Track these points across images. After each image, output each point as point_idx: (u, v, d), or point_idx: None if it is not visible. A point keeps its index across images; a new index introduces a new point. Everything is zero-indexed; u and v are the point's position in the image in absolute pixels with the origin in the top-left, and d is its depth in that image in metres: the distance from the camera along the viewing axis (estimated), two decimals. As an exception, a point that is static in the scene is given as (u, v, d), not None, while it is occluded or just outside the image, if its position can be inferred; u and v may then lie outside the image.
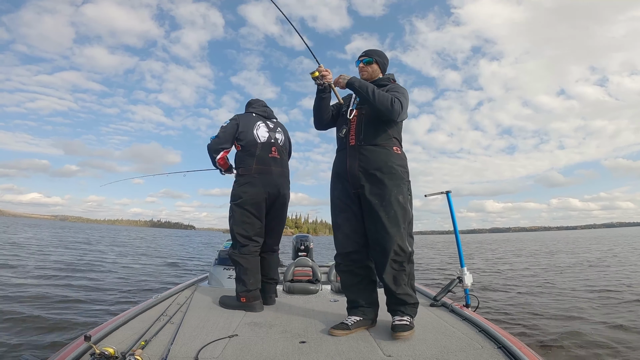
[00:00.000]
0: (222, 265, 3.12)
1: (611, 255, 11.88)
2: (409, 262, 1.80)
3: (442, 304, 2.23)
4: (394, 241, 1.73)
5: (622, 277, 6.68)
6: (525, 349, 1.43)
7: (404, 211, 1.79)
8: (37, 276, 5.86)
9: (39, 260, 7.91)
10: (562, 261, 9.19)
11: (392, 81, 2.05)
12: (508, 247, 20.66)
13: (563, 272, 7.54)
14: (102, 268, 7.41)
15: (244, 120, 2.48)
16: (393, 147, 1.89)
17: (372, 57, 2.06)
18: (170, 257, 11.65)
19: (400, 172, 1.84)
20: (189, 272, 7.77)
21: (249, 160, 2.40)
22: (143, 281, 6.25)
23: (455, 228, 2.48)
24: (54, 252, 9.86)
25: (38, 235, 19.75)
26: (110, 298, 4.68)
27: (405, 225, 1.79)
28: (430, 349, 1.51)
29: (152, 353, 1.43)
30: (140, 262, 9.30)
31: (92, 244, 15.35)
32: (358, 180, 1.84)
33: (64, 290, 4.93)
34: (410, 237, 1.83)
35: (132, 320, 1.85)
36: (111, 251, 12.08)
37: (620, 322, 3.61)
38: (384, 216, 1.76)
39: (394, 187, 1.79)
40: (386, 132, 1.89)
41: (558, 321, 3.76)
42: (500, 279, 6.82)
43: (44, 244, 12.50)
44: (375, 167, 1.82)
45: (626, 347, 2.95)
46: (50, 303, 4.14)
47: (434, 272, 8.41)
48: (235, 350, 1.51)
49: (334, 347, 1.56)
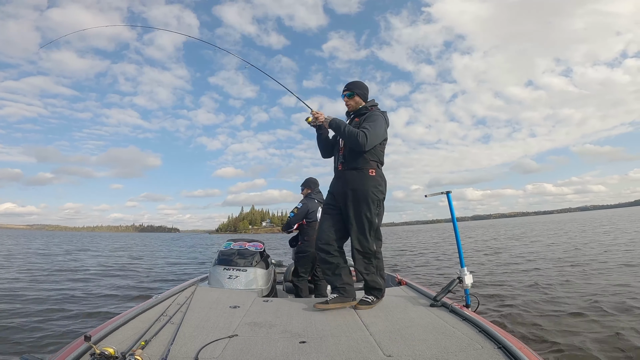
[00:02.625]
0: (222, 265, 3.12)
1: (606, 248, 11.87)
2: (375, 258, 2.38)
3: (442, 304, 2.23)
4: (361, 243, 2.35)
5: (623, 277, 6.67)
6: (525, 349, 1.43)
7: (370, 223, 2.34)
8: (37, 277, 5.85)
9: (38, 262, 7.91)
10: (558, 256, 9.19)
11: (371, 108, 2.49)
12: (493, 235, 20.63)
13: (563, 271, 7.53)
14: (101, 269, 7.41)
15: (312, 206, 3.67)
16: (369, 170, 2.36)
17: (353, 91, 2.52)
18: (168, 258, 11.65)
19: (371, 192, 2.33)
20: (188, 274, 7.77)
21: (311, 232, 3.50)
22: (143, 281, 6.25)
23: (455, 228, 2.46)
24: (52, 256, 9.87)
25: (27, 244, 19.70)
26: (110, 298, 4.68)
27: (372, 232, 2.35)
28: (430, 349, 1.51)
29: (152, 353, 1.43)
30: (139, 264, 9.31)
31: (87, 249, 15.36)
32: (341, 197, 2.41)
33: (64, 290, 4.93)
34: (377, 240, 2.39)
35: (132, 320, 1.85)
36: (106, 255, 12.08)
37: (621, 323, 3.61)
38: (354, 225, 2.35)
39: (364, 205, 2.32)
40: (363, 157, 2.36)
41: (558, 321, 3.76)
42: (501, 279, 6.81)
43: (37, 249, 12.50)
44: (352, 187, 2.36)
45: (626, 347, 2.94)
46: (50, 303, 4.14)
47: (434, 272, 8.41)
48: (235, 350, 1.51)
49: (334, 347, 1.56)
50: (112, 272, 7.06)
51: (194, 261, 10.88)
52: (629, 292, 4.99)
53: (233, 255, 3.19)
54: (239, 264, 3.11)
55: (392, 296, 2.60)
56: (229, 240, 3.55)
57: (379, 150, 2.41)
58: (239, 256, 3.18)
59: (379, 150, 2.42)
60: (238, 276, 3.02)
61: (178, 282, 4.87)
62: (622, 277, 6.15)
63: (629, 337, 3.17)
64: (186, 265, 9.60)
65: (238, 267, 3.09)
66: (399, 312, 2.15)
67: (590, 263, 7.89)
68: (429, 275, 7.93)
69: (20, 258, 8.35)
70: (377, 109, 2.51)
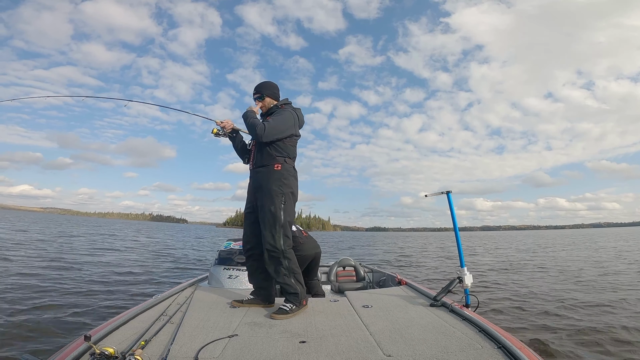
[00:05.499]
0: (222, 265, 3.12)
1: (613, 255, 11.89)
2: (284, 258, 2.27)
3: (442, 304, 2.23)
4: (267, 241, 2.26)
5: (625, 278, 6.68)
6: (525, 349, 1.43)
7: (274, 217, 2.27)
8: (37, 276, 5.86)
9: (37, 259, 7.91)
10: (564, 260, 9.21)
11: (282, 106, 2.51)
12: (504, 245, 20.69)
13: (564, 272, 7.54)
14: (102, 267, 7.41)
15: None
16: (274, 165, 2.35)
17: (262, 93, 2.51)
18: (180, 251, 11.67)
19: (274, 186, 2.31)
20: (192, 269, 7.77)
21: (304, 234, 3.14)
22: (143, 281, 6.25)
23: (455, 228, 2.47)
24: (51, 250, 9.87)
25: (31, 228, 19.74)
26: (110, 298, 4.68)
27: (277, 228, 2.26)
28: (430, 349, 1.51)
29: (152, 353, 1.43)
30: (141, 260, 9.31)
31: (91, 240, 15.36)
32: (253, 196, 2.44)
33: (64, 290, 4.93)
34: (286, 237, 2.29)
35: (132, 320, 1.85)
36: (110, 248, 12.09)
37: (622, 323, 3.61)
38: (261, 222, 2.32)
39: (267, 200, 2.30)
40: (269, 154, 2.37)
41: (558, 321, 3.76)
42: (501, 279, 6.82)
43: (38, 240, 12.50)
44: (258, 185, 2.39)
45: (627, 347, 2.95)
46: (50, 303, 4.14)
47: (434, 272, 8.41)
48: (235, 350, 1.51)
49: (334, 347, 1.56)
50: (112, 270, 7.06)
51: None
52: (629, 291, 4.99)
53: (233, 255, 3.19)
54: (239, 264, 3.11)
55: (392, 296, 2.60)
56: (229, 239, 3.55)
57: (288, 145, 2.41)
58: (239, 256, 3.18)
59: (289, 145, 2.41)
60: (238, 276, 3.02)
61: (178, 282, 4.87)
62: (624, 278, 6.15)
63: (631, 337, 3.17)
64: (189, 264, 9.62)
65: (238, 266, 3.09)
66: (399, 312, 2.15)
67: (594, 271, 7.89)
68: (429, 275, 7.93)
69: (23, 250, 8.34)
70: (288, 106, 2.53)
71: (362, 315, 2.10)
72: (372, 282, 3.90)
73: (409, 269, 8.98)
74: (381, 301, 2.43)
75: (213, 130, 2.60)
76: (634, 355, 2.80)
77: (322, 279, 3.77)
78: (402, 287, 2.93)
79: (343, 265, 3.86)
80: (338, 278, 3.75)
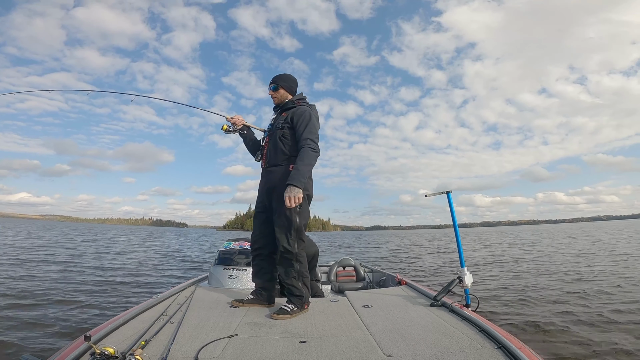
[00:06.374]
0: (222, 265, 3.12)
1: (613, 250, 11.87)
2: (296, 261, 2.23)
3: (442, 304, 2.23)
4: (281, 243, 2.21)
5: (624, 276, 6.67)
6: (525, 349, 1.43)
7: (289, 221, 2.20)
8: (37, 276, 5.86)
9: (38, 260, 7.91)
10: (566, 260, 9.20)
11: (298, 102, 2.40)
12: (503, 241, 20.66)
13: (566, 271, 7.53)
14: (102, 268, 7.41)
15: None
16: (290, 165, 2.25)
17: (277, 84, 2.42)
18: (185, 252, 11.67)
19: None
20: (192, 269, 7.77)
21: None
22: (143, 281, 6.25)
23: (455, 228, 2.46)
24: (51, 252, 9.87)
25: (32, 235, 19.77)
26: (110, 298, 4.68)
27: (292, 232, 2.20)
28: (430, 349, 1.51)
29: (152, 353, 1.43)
30: (141, 261, 9.31)
31: (90, 242, 15.39)
32: (265, 195, 2.35)
33: (64, 290, 4.93)
34: (300, 241, 2.24)
35: (132, 320, 1.85)
36: (109, 250, 12.10)
37: (623, 323, 3.61)
38: (276, 225, 2.24)
39: (283, 203, 2.13)
40: (284, 153, 2.29)
41: (558, 321, 3.76)
42: (501, 278, 6.81)
43: (40, 245, 12.52)
44: (272, 186, 2.28)
45: (627, 347, 2.94)
46: (50, 303, 4.14)
47: (434, 272, 8.40)
48: (235, 350, 1.51)
49: (334, 347, 1.56)
50: (112, 270, 7.06)
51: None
52: (631, 292, 4.98)
53: (233, 255, 3.19)
54: (239, 264, 3.11)
55: (392, 296, 2.60)
56: (229, 239, 3.55)
57: None
58: (240, 256, 3.18)
59: None
60: (238, 276, 3.02)
61: (178, 282, 4.87)
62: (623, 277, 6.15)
63: (631, 338, 3.17)
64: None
65: (238, 266, 3.09)
66: (399, 311, 2.15)
67: (594, 266, 7.89)
68: (429, 275, 7.92)
69: (26, 253, 8.35)
70: (304, 102, 2.42)
71: (362, 315, 2.10)
72: (372, 282, 3.90)
73: (409, 269, 8.98)
74: (381, 301, 2.42)
75: (223, 126, 2.55)
76: (637, 356, 2.80)
77: (322, 279, 3.77)
78: (402, 287, 2.93)
79: (343, 265, 3.86)
80: (338, 278, 3.76)
